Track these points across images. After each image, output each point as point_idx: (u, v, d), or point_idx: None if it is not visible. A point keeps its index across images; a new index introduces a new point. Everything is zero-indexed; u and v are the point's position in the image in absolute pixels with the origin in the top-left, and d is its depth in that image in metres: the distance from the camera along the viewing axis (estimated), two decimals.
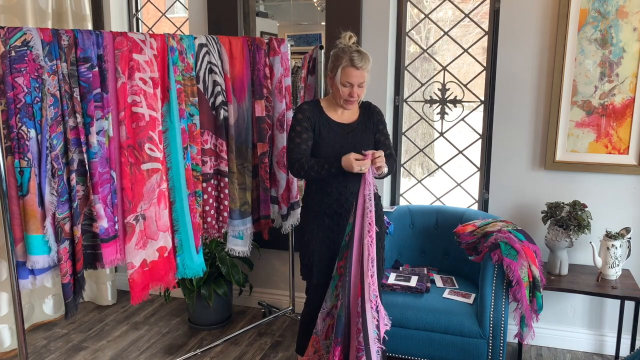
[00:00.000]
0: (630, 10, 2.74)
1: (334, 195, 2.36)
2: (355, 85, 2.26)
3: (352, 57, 2.23)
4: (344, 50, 2.26)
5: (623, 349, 2.90)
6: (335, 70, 2.27)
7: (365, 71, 2.26)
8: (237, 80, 2.77)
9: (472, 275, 2.84)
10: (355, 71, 2.23)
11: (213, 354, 3.08)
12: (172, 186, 2.49)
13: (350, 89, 2.27)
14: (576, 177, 2.95)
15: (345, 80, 2.25)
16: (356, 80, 2.25)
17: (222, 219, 2.79)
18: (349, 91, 2.27)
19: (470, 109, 3.23)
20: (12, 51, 1.99)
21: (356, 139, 2.37)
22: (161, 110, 2.43)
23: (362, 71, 2.24)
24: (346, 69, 2.24)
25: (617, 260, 2.73)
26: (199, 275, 2.64)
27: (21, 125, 2.03)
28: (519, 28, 2.91)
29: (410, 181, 3.69)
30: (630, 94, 2.80)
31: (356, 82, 2.25)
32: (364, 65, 2.24)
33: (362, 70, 2.24)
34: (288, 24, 3.92)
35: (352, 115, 2.41)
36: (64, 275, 2.19)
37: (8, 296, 3.02)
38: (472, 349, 2.53)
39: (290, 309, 3.47)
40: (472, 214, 2.95)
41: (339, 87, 2.28)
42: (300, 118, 2.33)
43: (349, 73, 2.24)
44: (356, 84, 2.25)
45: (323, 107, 2.39)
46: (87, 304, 3.72)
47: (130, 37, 2.31)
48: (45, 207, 2.12)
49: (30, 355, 3.05)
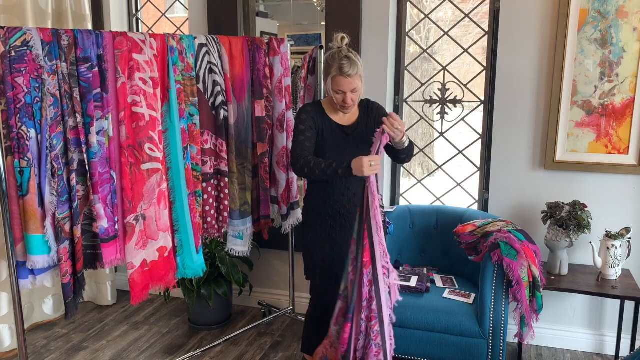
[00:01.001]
0: (630, 10, 2.74)
1: (336, 196, 2.37)
2: (347, 92, 2.25)
3: (341, 65, 2.20)
4: (334, 57, 2.24)
5: (623, 349, 2.90)
6: (327, 78, 2.28)
7: (356, 78, 2.23)
8: (237, 80, 2.77)
9: (472, 275, 2.84)
10: (345, 79, 2.22)
11: (213, 354, 3.08)
12: (172, 186, 2.49)
13: (343, 95, 2.26)
14: (576, 177, 2.95)
15: (337, 89, 2.25)
16: (347, 87, 2.23)
17: (222, 219, 2.79)
18: (342, 97, 2.27)
19: (470, 109, 3.23)
20: (12, 51, 1.99)
21: (358, 139, 2.37)
22: (161, 110, 2.43)
23: (351, 79, 2.22)
24: (336, 78, 2.23)
25: (617, 260, 2.73)
26: (199, 275, 2.63)
27: (21, 125, 2.03)
28: (519, 28, 2.91)
29: (410, 181, 3.69)
30: (630, 94, 2.80)
31: (347, 89, 2.24)
32: (353, 73, 2.21)
33: (352, 77, 2.22)
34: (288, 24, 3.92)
35: (352, 116, 2.41)
36: (64, 275, 2.19)
37: (8, 296, 3.02)
38: (472, 349, 2.53)
39: (290, 309, 3.47)
40: (472, 214, 2.95)
41: (333, 95, 2.28)
42: (304, 118, 2.33)
43: (339, 82, 2.23)
44: (348, 90, 2.24)
45: (325, 109, 2.39)
46: (87, 304, 3.72)
47: (130, 37, 2.31)
48: (45, 207, 2.12)
49: (30, 355, 3.05)
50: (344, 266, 2.37)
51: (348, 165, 2.09)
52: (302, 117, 2.34)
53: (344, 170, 2.11)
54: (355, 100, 2.30)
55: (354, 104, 2.31)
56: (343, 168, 2.11)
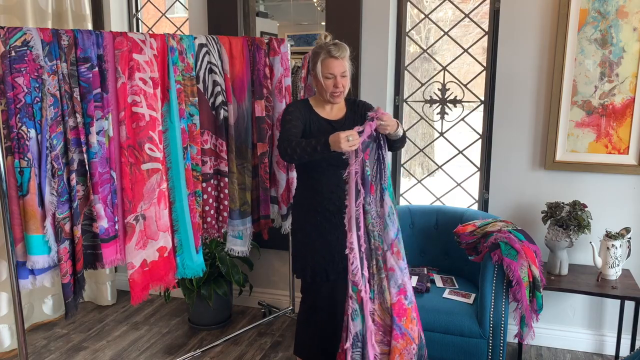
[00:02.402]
0: (630, 10, 2.74)
1: (325, 193, 2.36)
2: (338, 76, 2.27)
3: (329, 49, 2.26)
4: (321, 47, 2.30)
5: (623, 349, 2.90)
6: (316, 66, 2.29)
7: (344, 60, 2.28)
8: (237, 80, 2.77)
9: (472, 275, 2.84)
10: (335, 61, 2.25)
11: (213, 354, 3.08)
12: (172, 186, 2.49)
13: (333, 80, 2.28)
14: (576, 177, 2.95)
15: (327, 72, 2.27)
16: (337, 70, 2.26)
17: (222, 219, 2.79)
18: (333, 82, 2.28)
19: (470, 109, 3.23)
20: (12, 51, 1.99)
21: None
22: (161, 110, 2.43)
23: (341, 60, 2.26)
24: (325, 61, 2.26)
25: (617, 260, 2.73)
26: (199, 275, 2.64)
27: (21, 125, 2.03)
28: (519, 28, 2.91)
29: (410, 181, 3.69)
30: (630, 94, 2.80)
31: (338, 72, 2.27)
32: (341, 54, 2.26)
33: (341, 59, 2.26)
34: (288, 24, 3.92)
35: (340, 111, 2.43)
36: (64, 275, 2.19)
37: (8, 296, 3.02)
38: (472, 349, 2.53)
39: (290, 308, 3.47)
40: (472, 214, 2.95)
41: (323, 82, 2.29)
42: (290, 110, 2.36)
43: (328, 64, 2.26)
44: (338, 74, 2.27)
45: (312, 105, 2.41)
46: (87, 304, 3.72)
47: (130, 37, 2.31)
48: (45, 207, 2.12)
49: (30, 355, 3.05)
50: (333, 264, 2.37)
51: (326, 141, 2.04)
52: (288, 109, 2.37)
53: (322, 145, 2.06)
54: (345, 85, 2.31)
55: (345, 90, 2.33)
56: (321, 144, 2.06)
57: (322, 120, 2.38)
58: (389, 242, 2.16)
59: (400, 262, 2.16)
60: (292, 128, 2.28)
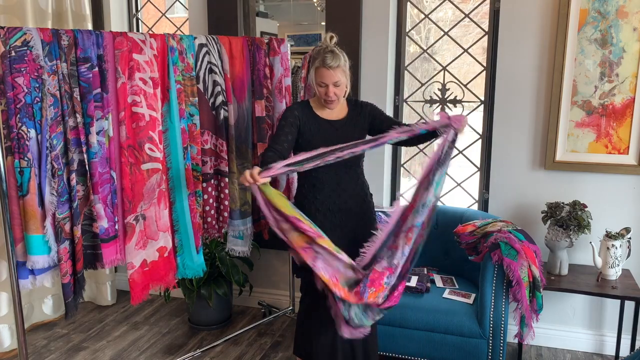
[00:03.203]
0: (630, 10, 2.74)
1: (326, 192, 2.37)
2: (330, 85, 2.27)
3: (324, 58, 2.25)
4: (319, 52, 2.29)
5: (623, 349, 2.89)
6: (311, 71, 2.31)
7: (338, 70, 2.26)
8: (237, 80, 2.77)
9: (472, 275, 2.84)
10: (327, 71, 2.25)
11: (213, 354, 3.07)
12: (172, 186, 2.50)
13: (325, 88, 2.28)
14: (576, 177, 2.95)
15: (320, 81, 2.28)
16: (329, 79, 2.26)
17: (222, 219, 2.79)
18: (325, 91, 2.29)
19: (470, 109, 3.23)
20: (12, 51, 1.99)
21: (345, 134, 2.38)
22: (161, 110, 2.43)
23: (334, 71, 2.25)
24: (319, 70, 2.27)
25: (617, 260, 2.73)
26: (199, 275, 2.64)
27: (21, 125, 2.03)
28: (519, 28, 2.91)
29: (410, 181, 3.69)
30: (630, 94, 2.80)
31: (330, 81, 2.26)
32: (334, 65, 2.25)
33: (334, 69, 2.25)
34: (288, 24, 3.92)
35: (341, 112, 2.43)
36: (64, 275, 2.19)
37: (8, 296, 3.02)
38: (472, 349, 2.53)
39: (290, 309, 3.47)
40: (472, 214, 2.95)
41: (316, 88, 2.31)
42: (286, 115, 2.36)
43: (321, 74, 2.26)
44: (330, 83, 2.27)
45: (312, 107, 2.41)
46: (87, 304, 3.72)
47: (130, 37, 2.31)
48: (45, 207, 2.12)
49: (30, 355, 3.05)
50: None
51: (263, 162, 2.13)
52: (285, 114, 2.38)
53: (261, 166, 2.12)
54: (339, 94, 2.31)
55: (337, 98, 2.32)
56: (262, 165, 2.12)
57: (323, 121, 2.38)
58: (409, 225, 2.16)
59: (406, 247, 2.16)
60: (281, 135, 2.30)
